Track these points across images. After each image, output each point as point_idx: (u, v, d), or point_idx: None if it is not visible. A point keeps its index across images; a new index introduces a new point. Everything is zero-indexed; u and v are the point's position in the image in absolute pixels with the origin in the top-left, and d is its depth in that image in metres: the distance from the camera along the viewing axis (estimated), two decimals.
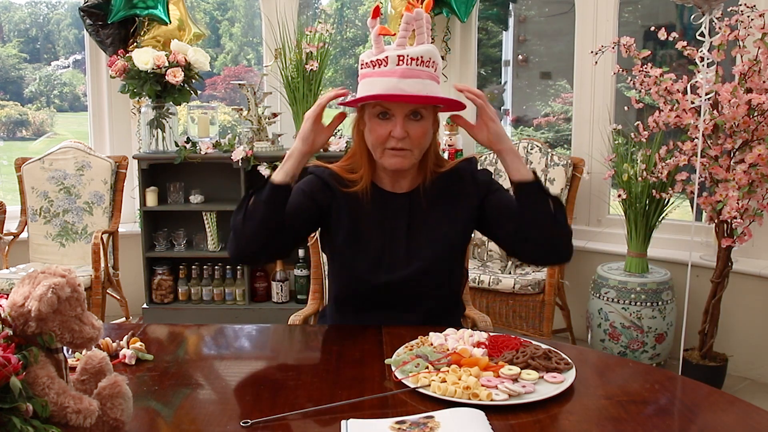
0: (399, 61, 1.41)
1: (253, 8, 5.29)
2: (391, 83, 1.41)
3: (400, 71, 1.41)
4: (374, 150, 1.52)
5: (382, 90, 1.42)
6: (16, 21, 5.38)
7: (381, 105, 1.46)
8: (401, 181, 1.59)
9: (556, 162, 3.35)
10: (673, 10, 4.41)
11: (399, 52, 1.42)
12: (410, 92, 1.41)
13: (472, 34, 3.90)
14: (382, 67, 1.43)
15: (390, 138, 1.47)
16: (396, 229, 1.57)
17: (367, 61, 1.47)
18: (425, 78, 1.43)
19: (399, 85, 1.41)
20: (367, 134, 1.53)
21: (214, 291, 3.62)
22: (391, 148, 1.48)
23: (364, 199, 1.57)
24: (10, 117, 5.69)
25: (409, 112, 1.46)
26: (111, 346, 1.33)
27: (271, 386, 1.25)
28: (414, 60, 1.42)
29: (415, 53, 1.42)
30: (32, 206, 3.43)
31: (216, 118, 4.12)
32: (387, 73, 1.42)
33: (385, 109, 1.46)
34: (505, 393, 1.12)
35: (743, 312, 3.05)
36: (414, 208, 1.58)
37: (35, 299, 0.89)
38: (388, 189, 1.59)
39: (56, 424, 0.89)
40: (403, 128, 1.45)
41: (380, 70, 1.43)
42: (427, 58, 1.43)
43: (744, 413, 1.12)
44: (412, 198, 1.59)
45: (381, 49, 1.45)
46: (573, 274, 3.44)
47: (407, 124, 1.46)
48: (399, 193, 1.59)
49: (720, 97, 2.55)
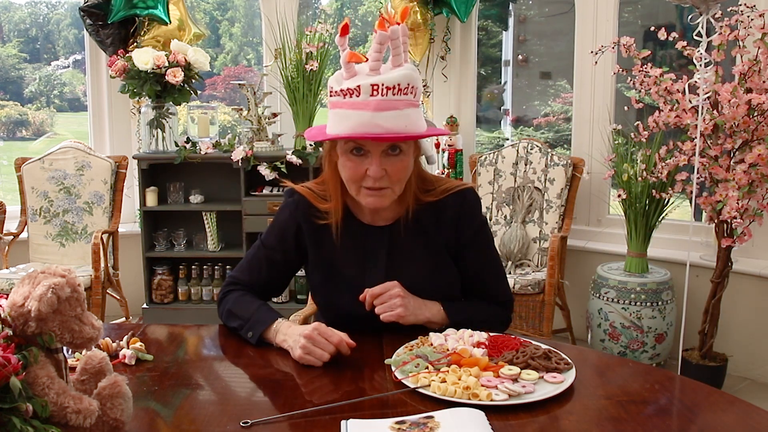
0: (373, 92, 1.25)
1: (253, 8, 5.29)
2: (365, 118, 1.26)
3: (375, 103, 1.25)
4: (349, 186, 1.40)
5: (356, 127, 1.27)
6: (16, 21, 5.38)
7: (355, 142, 1.32)
8: (382, 213, 1.48)
9: (556, 162, 3.35)
10: (673, 10, 4.41)
11: (372, 81, 1.25)
12: (387, 128, 1.26)
13: (472, 34, 3.90)
14: (353, 97, 1.27)
15: (366, 177, 1.34)
16: (375, 262, 1.48)
17: (336, 90, 1.30)
18: (403, 108, 1.27)
19: (374, 120, 1.25)
20: (341, 168, 1.39)
21: (214, 291, 3.62)
22: (368, 187, 1.36)
23: (334, 236, 1.48)
24: (10, 117, 5.69)
25: (386, 148, 1.32)
26: (111, 346, 1.33)
27: (271, 386, 1.25)
28: (390, 89, 1.25)
29: (391, 81, 1.25)
30: (32, 206, 3.43)
31: (216, 118, 4.12)
32: (360, 105, 1.26)
33: (359, 146, 1.33)
34: (505, 393, 1.12)
35: (743, 312, 3.05)
36: (394, 240, 1.48)
37: (35, 299, 0.89)
38: (366, 221, 1.49)
39: (56, 424, 0.89)
40: (380, 166, 1.32)
41: (352, 101, 1.27)
42: (405, 84, 1.27)
43: (744, 413, 1.12)
44: (392, 230, 1.48)
45: (352, 73, 1.28)
46: (573, 274, 3.44)
47: (385, 160, 1.33)
48: (378, 226, 1.49)
49: (720, 97, 2.55)
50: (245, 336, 1.41)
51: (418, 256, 1.49)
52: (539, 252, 3.34)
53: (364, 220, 1.50)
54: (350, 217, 1.50)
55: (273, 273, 1.56)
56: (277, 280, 1.58)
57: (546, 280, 3.03)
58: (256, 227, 3.45)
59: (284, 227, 1.54)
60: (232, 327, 1.46)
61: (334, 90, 1.31)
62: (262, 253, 1.55)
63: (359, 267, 1.49)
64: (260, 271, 1.55)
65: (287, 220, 1.53)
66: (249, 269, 1.56)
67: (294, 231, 1.52)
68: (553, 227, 3.31)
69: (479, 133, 5.25)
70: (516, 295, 3.08)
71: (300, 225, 1.51)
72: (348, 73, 1.29)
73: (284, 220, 1.54)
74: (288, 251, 1.54)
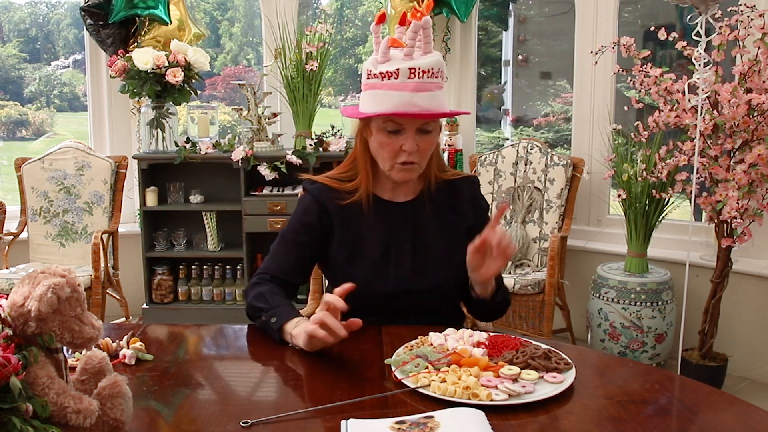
0: (410, 75, 1.39)
1: (253, 8, 5.29)
2: (404, 98, 1.39)
3: (413, 85, 1.39)
4: (383, 162, 1.50)
5: (396, 106, 1.40)
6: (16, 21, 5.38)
7: (392, 120, 1.44)
8: (402, 189, 1.58)
9: (556, 162, 3.35)
10: (673, 10, 4.41)
11: (410, 65, 1.39)
12: (424, 107, 1.40)
13: (472, 34, 3.90)
14: (392, 79, 1.40)
15: (401, 152, 1.46)
16: (400, 239, 1.55)
17: (375, 72, 1.43)
18: (435, 90, 1.42)
19: (412, 100, 1.39)
20: (374, 146, 1.50)
21: (214, 291, 3.62)
22: (401, 162, 1.47)
23: (364, 210, 1.55)
24: (10, 117, 5.69)
25: (420, 126, 1.45)
26: (111, 346, 1.33)
27: (271, 386, 1.25)
28: (425, 73, 1.40)
29: (426, 65, 1.40)
30: (32, 206, 3.43)
31: (216, 118, 4.13)
32: (399, 87, 1.39)
33: (397, 125, 1.45)
34: (505, 393, 1.12)
35: (743, 312, 3.05)
36: (417, 217, 1.57)
37: (35, 299, 0.89)
38: (387, 198, 1.58)
39: (56, 424, 0.89)
40: (415, 142, 1.44)
41: (390, 83, 1.40)
42: (437, 69, 1.42)
43: (744, 413, 1.12)
44: (415, 206, 1.57)
45: (387, 58, 1.41)
46: (573, 274, 3.44)
47: (417, 137, 1.45)
48: (400, 202, 1.58)
49: (720, 97, 2.55)
50: (268, 319, 1.41)
51: (440, 232, 1.57)
52: (539, 252, 3.34)
53: (385, 196, 1.58)
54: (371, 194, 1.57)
55: (299, 256, 1.57)
56: (303, 264, 1.59)
57: (546, 280, 3.03)
58: (256, 227, 3.45)
59: (308, 210, 1.57)
60: (258, 307, 1.45)
61: (372, 73, 1.43)
62: (287, 238, 1.58)
63: (384, 242, 1.55)
64: (287, 257, 1.57)
65: (310, 203, 1.58)
66: (275, 258, 1.58)
67: (318, 212, 1.56)
68: (553, 227, 3.31)
69: (479, 133, 5.25)
70: (516, 295, 3.08)
71: (324, 206, 1.56)
72: (383, 58, 1.41)
73: (307, 204, 1.58)
74: (313, 231, 1.56)
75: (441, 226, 1.57)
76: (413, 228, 1.56)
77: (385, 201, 1.57)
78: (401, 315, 1.54)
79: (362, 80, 1.48)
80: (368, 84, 1.45)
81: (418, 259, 1.54)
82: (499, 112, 5.93)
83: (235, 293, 3.61)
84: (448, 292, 1.58)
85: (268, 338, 1.50)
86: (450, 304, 1.63)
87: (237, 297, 3.61)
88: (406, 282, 1.53)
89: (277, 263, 1.56)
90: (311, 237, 1.57)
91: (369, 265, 1.53)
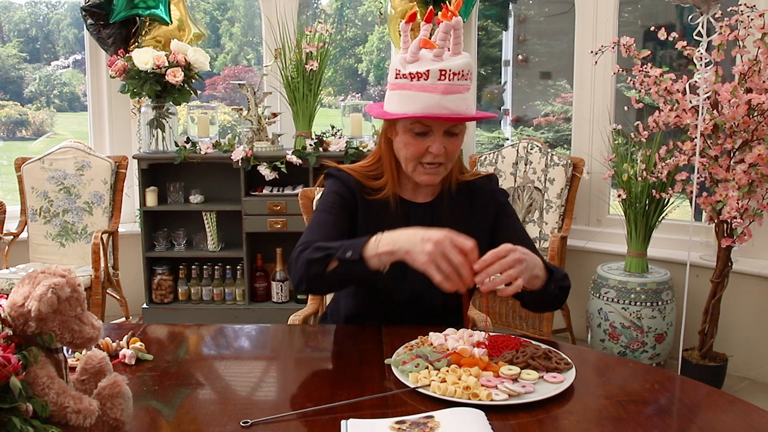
0: (441, 77, 1.36)
1: (253, 8, 5.29)
2: (434, 100, 1.37)
3: (443, 87, 1.37)
4: (406, 163, 1.49)
5: (426, 108, 1.38)
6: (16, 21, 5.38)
7: (421, 122, 1.42)
8: (422, 190, 1.57)
9: (556, 162, 3.35)
10: (673, 10, 4.41)
11: (440, 66, 1.36)
12: (454, 110, 1.38)
13: (472, 33, 3.90)
14: (421, 80, 1.38)
15: (427, 154, 1.44)
16: None
17: (405, 73, 1.40)
18: (464, 92, 1.40)
19: (442, 102, 1.37)
20: (399, 146, 1.48)
21: (214, 291, 3.62)
22: (427, 163, 1.46)
23: (388, 209, 1.53)
24: (10, 117, 5.68)
25: (448, 128, 1.44)
26: (111, 346, 1.33)
27: (271, 386, 1.25)
28: (456, 75, 1.37)
29: (457, 67, 1.37)
30: (32, 206, 3.43)
31: (216, 118, 4.12)
32: (429, 88, 1.37)
33: (425, 127, 1.43)
34: (505, 393, 1.12)
35: (743, 312, 3.05)
36: (436, 218, 1.55)
37: (35, 299, 0.89)
38: (408, 198, 1.57)
39: (56, 424, 0.89)
40: (442, 145, 1.43)
41: (420, 84, 1.38)
42: (467, 71, 1.39)
43: (744, 413, 1.12)
44: (435, 208, 1.57)
45: (417, 58, 1.39)
46: (573, 274, 3.42)
47: (444, 140, 1.44)
48: (421, 202, 1.57)
49: (720, 97, 2.55)
50: (343, 257, 1.31)
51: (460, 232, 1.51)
52: (539, 252, 3.33)
53: (406, 196, 1.57)
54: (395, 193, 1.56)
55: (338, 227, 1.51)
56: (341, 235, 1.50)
57: None
58: (256, 227, 3.45)
59: (340, 190, 1.54)
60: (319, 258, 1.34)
61: (401, 73, 1.41)
62: (323, 214, 1.53)
63: None
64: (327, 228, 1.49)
65: (341, 186, 1.55)
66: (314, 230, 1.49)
67: (348, 196, 1.54)
68: (553, 227, 3.31)
69: (479, 133, 5.25)
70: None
71: (354, 193, 1.55)
72: (413, 58, 1.39)
73: (339, 187, 1.55)
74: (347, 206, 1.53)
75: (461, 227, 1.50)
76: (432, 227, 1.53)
77: (405, 201, 1.57)
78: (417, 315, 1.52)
79: (389, 79, 1.46)
80: (396, 84, 1.43)
81: None
82: (499, 112, 5.92)
83: (235, 293, 3.61)
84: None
85: (269, 338, 1.51)
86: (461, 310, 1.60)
87: (237, 297, 3.61)
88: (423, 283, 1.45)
89: (318, 234, 1.47)
90: (346, 211, 1.53)
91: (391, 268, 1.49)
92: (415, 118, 1.41)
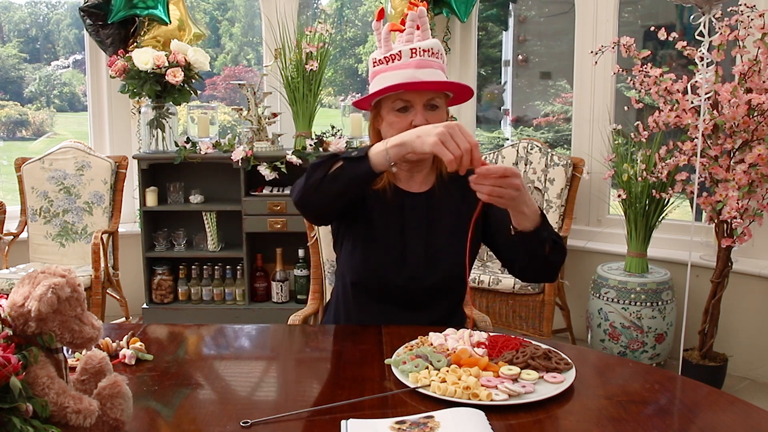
0: (412, 54, 1.47)
1: (253, 8, 5.29)
2: (408, 74, 1.45)
3: (415, 63, 1.46)
4: None
5: (401, 81, 1.45)
6: (16, 21, 5.38)
7: (400, 98, 1.49)
8: (417, 178, 1.60)
9: (556, 162, 3.35)
10: (673, 10, 4.41)
11: (410, 46, 1.47)
12: (426, 81, 1.45)
13: (472, 34, 3.90)
14: (395, 61, 1.48)
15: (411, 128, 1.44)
16: (415, 230, 1.57)
17: (379, 59, 1.51)
18: (437, 68, 1.48)
19: (416, 74, 1.45)
20: (386, 130, 1.53)
21: (214, 291, 3.62)
22: None
23: (385, 199, 1.58)
24: (10, 117, 5.68)
25: (426, 103, 1.49)
26: (111, 346, 1.33)
27: (271, 386, 1.25)
28: (426, 51, 1.47)
29: (426, 45, 1.48)
30: (32, 206, 3.43)
31: (216, 118, 4.12)
32: (402, 66, 1.47)
33: (405, 102, 1.49)
34: (505, 393, 1.12)
35: (743, 312, 3.05)
36: (431, 207, 1.59)
37: (35, 299, 0.89)
38: (403, 188, 1.60)
39: (56, 424, 0.89)
40: (424, 117, 1.48)
41: (394, 64, 1.48)
42: (436, 49, 1.49)
43: (744, 413, 1.12)
44: (429, 197, 1.60)
45: (390, 47, 1.49)
46: (573, 274, 3.44)
47: (426, 113, 1.49)
48: (415, 192, 1.60)
49: (720, 97, 2.55)
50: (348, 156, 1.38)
51: (453, 221, 1.58)
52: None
53: (401, 186, 1.60)
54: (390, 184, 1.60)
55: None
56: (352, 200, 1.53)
57: None
58: (256, 227, 3.45)
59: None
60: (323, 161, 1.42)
61: (377, 59, 1.52)
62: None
63: (398, 232, 1.57)
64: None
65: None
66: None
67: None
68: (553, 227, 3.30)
69: (479, 133, 5.25)
70: (516, 295, 3.08)
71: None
72: (387, 46, 1.50)
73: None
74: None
75: (454, 216, 1.58)
76: (427, 218, 1.58)
77: (400, 190, 1.60)
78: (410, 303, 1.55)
79: (369, 73, 1.54)
80: (374, 71, 1.52)
81: (431, 248, 1.56)
82: (499, 112, 5.92)
83: (235, 293, 3.61)
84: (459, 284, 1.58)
85: (269, 338, 1.51)
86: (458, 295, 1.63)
87: (237, 297, 3.61)
88: (417, 270, 1.54)
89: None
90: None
91: (382, 252, 1.56)
92: (390, 91, 1.47)
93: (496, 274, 3.16)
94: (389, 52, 1.49)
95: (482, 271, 3.23)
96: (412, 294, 1.55)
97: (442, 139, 1.27)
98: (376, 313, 1.55)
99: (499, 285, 3.09)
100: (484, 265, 3.39)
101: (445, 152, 1.26)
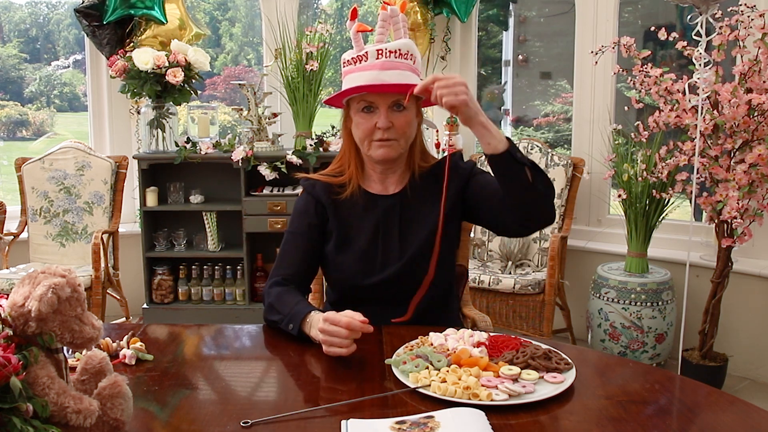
0: (378, 55, 1.47)
1: (253, 8, 5.29)
2: (372, 75, 1.46)
3: (380, 64, 1.47)
4: (362, 144, 1.55)
5: (365, 82, 1.46)
6: (16, 21, 5.38)
7: (364, 99, 1.50)
8: (390, 179, 1.61)
9: (556, 162, 3.35)
10: (673, 10, 4.41)
11: (377, 47, 1.48)
12: (390, 83, 1.45)
13: (472, 34, 3.90)
14: (362, 62, 1.49)
15: (376, 130, 1.50)
16: (388, 230, 1.58)
17: (348, 59, 1.52)
18: (404, 69, 1.48)
19: (380, 76, 1.46)
20: (354, 130, 1.56)
21: (214, 291, 3.62)
22: (377, 139, 1.51)
23: (353, 201, 1.60)
24: (10, 117, 5.68)
25: (392, 104, 1.50)
26: (111, 346, 1.33)
27: (271, 386, 1.25)
28: (392, 53, 1.47)
29: (393, 46, 1.48)
30: (32, 206, 3.43)
31: (216, 118, 4.12)
32: (368, 67, 1.48)
33: (369, 103, 1.50)
34: (505, 393, 1.12)
35: (743, 312, 3.05)
36: (404, 207, 1.60)
37: (35, 299, 0.89)
38: (377, 192, 1.62)
39: (56, 424, 0.89)
40: (387, 118, 1.49)
41: (361, 65, 1.49)
42: (405, 50, 1.49)
43: (744, 413, 1.12)
44: (402, 197, 1.61)
45: (360, 47, 1.50)
46: (573, 274, 3.44)
47: (391, 115, 1.50)
48: (389, 194, 1.61)
49: (720, 97, 2.55)
50: (286, 329, 1.43)
51: (427, 219, 1.58)
52: (539, 252, 3.34)
53: (374, 190, 1.62)
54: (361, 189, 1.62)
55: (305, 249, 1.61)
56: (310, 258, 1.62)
57: (546, 280, 3.03)
58: (256, 227, 3.45)
59: (305, 206, 1.63)
60: (273, 320, 1.49)
61: (346, 60, 1.53)
62: (290, 237, 1.63)
63: (372, 235, 1.58)
64: (294, 256, 1.61)
65: (306, 198, 1.64)
66: (283, 260, 1.61)
67: (314, 205, 1.62)
68: (553, 227, 3.31)
69: None
70: (516, 295, 3.08)
71: (319, 200, 1.62)
72: (357, 47, 1.51)
73: (304, 200, 1.64)
74: (312, 224, 1.61)
75: (429, 211, 1.58)
76: (401, 218, 1.59)
77: (374, 195, 1.61)
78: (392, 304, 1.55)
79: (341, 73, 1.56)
80: (344, 72, 1.54)
81: (406, 248, 1.57)
82: (499, 112, 5.92)
83: (235, 293, 3.61)
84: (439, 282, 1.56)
85: (269, 338, 1.51)
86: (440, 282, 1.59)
87: (237, 297, 3.61)
88: (393, 271, 1.56)
89: (285, 263, 1.61)
90: (311, 230, 1.61)
91: (357, 256, 1.57)
92: (352, 93, 1.49)
93: (496, 274, 3.16)
94: (359, 53, 1.50)
95: (482, 271, 3.23)
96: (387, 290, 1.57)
97: (327, 344, 1.30)
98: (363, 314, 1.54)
99: (499, 285, 3.09)
100: (484, 265, 3.39)
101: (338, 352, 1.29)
